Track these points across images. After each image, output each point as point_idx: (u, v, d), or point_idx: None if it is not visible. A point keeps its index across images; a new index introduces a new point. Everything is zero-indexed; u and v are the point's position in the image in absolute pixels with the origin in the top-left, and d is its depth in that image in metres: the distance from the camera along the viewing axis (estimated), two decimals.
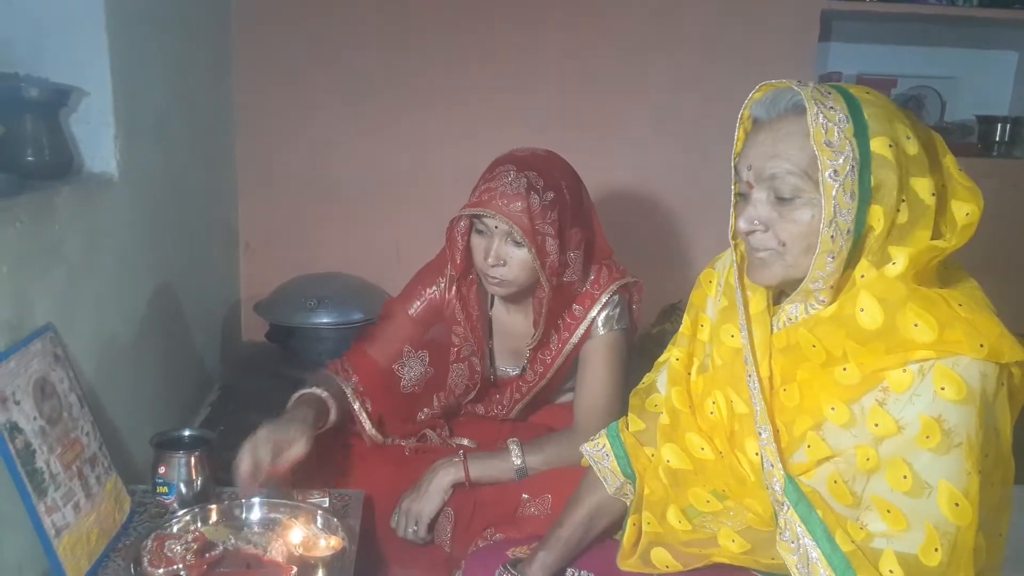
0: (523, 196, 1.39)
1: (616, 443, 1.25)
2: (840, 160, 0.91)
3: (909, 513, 0.89)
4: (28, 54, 1.44)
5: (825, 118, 0.91)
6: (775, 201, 0.97)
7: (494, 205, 1.39)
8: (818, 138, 0.91)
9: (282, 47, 2.52)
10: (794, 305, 1.02)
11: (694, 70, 2.61)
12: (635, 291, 1.61)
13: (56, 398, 1.18)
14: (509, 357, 1.66)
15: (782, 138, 0.96)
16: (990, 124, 2.76)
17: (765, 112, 1.00)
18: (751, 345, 1.03)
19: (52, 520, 1.09)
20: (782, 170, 0.95)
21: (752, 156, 0.99)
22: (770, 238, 0.98)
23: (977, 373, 0.89)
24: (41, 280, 1.24)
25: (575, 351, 1.56)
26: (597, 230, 1.59)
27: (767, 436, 1.00)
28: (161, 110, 1.82)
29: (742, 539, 1.06)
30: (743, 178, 1.01)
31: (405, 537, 1.44)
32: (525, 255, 1.42)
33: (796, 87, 0.96)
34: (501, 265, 1.44)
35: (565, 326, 1.55)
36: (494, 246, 1.43)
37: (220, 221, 2.49)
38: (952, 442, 0.88)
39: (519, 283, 1.47)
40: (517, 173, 1.41)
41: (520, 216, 1.39)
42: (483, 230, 1.45)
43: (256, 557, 1.20)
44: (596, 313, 1.54)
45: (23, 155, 1.38)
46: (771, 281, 1.01)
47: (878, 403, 0.93)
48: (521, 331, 1.60)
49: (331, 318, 2.32)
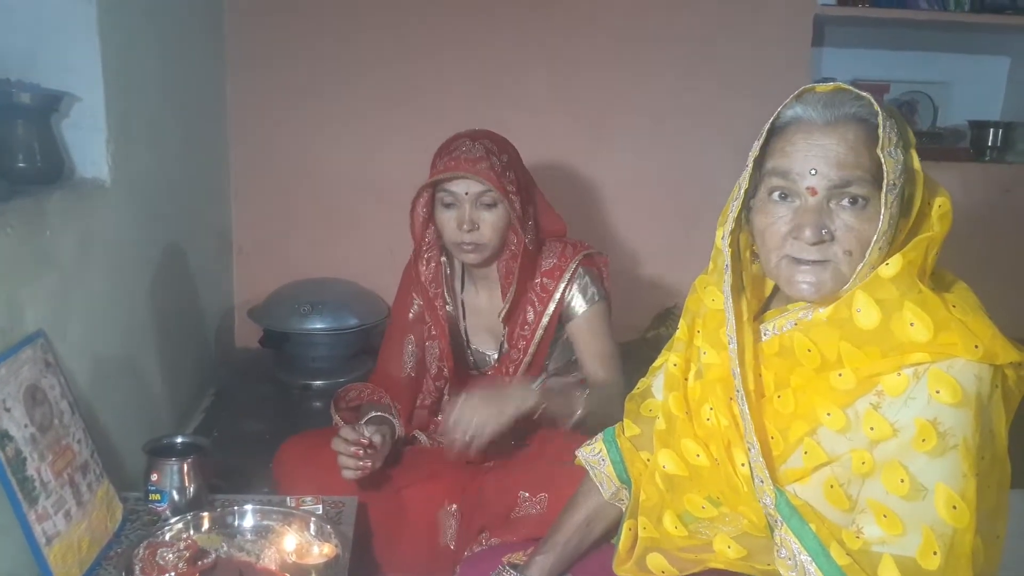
0: (484, 158, 1.48)
1: (612, 448, 1.24)
2: (898, 172, 0.91)
3: (906, 517, 0.89)
4: (20, 59, 1.44)
5: (889, 128, 0.91)
6: (840, 209, 0.94)
7: (464, 167, 1.46)
8: (885, 147, 0.90)
9: (275, 52, 2.52)
10: (805, 312, 1.01)
11: (689, 76, 2.61)
12: (601, 263, 1.65)
13: (47, 405, 1.17)
14: (484, 336, 1.68)
15: (851, 144, 0.93)
16: (982, 129, 2.77)
17: (820, 115, 0.96)
18: (740, 358, 1.01)
19: (43, 528, 1.08)
20: (857, 177, 0.93)
21: (816, 160, 0.94)
22: (834, 247, 0.95)
23: (972, 376, 0.89)
24: (32, 286, 1.23)
25: (552, 323, 1.60)
26: (542, 202, 1.65)
27: (755, 452, 0.99)
28: (153, 115, 1.82)
29: (738, 545, 1.06)
30: (801, 183, 0.95)
31: (452, 446, 1.36)
32: (497, 215, 1.49)
33: (853, 90, 0.94)
34: (474, 229, 1.50)
35: (538, 299, 1.59)
36: (466, 213, 1.49)
37: (213, 226, 2.48)
38: (948, 444, 0.88)
39: (492, 246, 1.53)
40: (471, 141, 1.50)
41: (488, 173, 1.46)
42: (451, 202, 1.50)
43: (249, 565, 1.20)
44: (566, 284, 1.58)
45: (14, 161, 1.38)
46: (825, 294, 0.97)
47: (873, 407, 0.93)
48: (489, 307, 1.64)
49: (325, 323, 2.32)
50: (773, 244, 1.00)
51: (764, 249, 1.01)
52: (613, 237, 2.67)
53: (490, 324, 1.65)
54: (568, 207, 1.69)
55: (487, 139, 1.53)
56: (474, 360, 1.70)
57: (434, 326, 1.62)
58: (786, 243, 0.98)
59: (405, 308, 1.67)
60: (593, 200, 2.66)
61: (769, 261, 1.01)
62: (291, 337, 2.33)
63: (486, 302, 1.66)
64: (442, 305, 1.62)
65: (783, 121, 0.99)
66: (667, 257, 2.71)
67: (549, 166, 1.65)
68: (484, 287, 1.65)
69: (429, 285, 1.61)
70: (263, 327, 2.38)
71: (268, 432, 1.98)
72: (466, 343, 1.69)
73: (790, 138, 0.98)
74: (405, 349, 1.66)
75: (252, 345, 2.48)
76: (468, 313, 1.68)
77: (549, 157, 1.67)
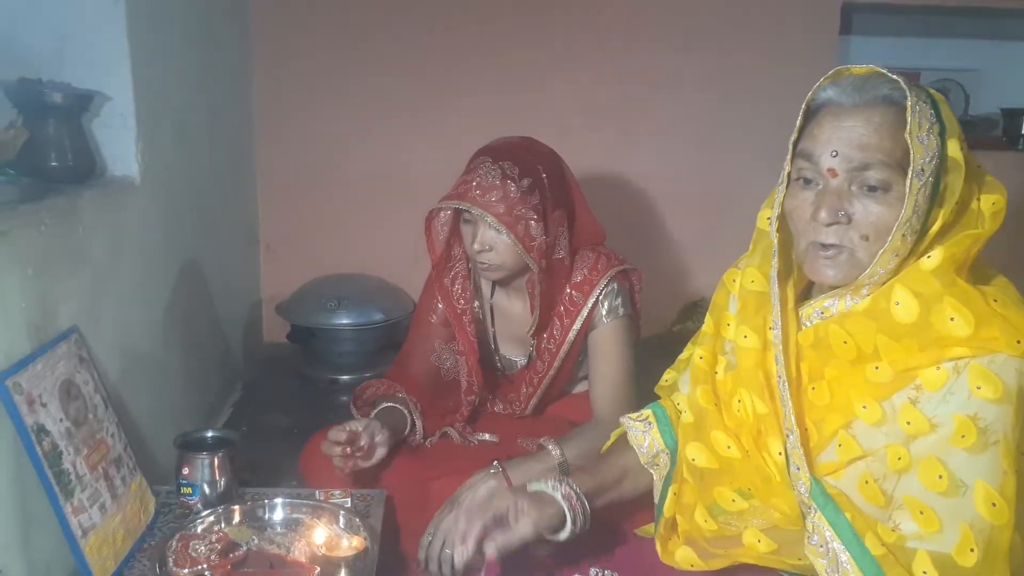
0: (499, 187, 1.44)
1: (659, 411, 1.24)
2: (928, 159, 0.89)
3: (943, 513, 0.87)
4: (51, 60, 1.45)
5: (920, 112, 0.89)
6: (861, 192, 0.93)
7: (469, 197, 1.45)
8: (914, 132, 0.88)
9: (301, 49, 2.54)
10: (832, 300, 1.00)
11: (713, 65, 2.59)
12: (635, 278, 1.63)
13: (81, 400, 1.19)
14: (513, 344, 1.68)
15: (876, 126, 0.92)
16: (1015, 117, 2.72)
17: (849, 98, 0.95)
18: (783, 344, 1.01)
19: (79, 521, 1.10)
20: (877, 160, 0.91)
21: (838, 142, 0.93)
22: (851, 231, 0.94)
23: (1014, 371, 0.88)
24: (66, 283, 1.25)
25: (580, 337, 1.57)
26: (581, 210, 1.61)
27: (794, 439, 0.98)
28: (181, 113, 1.84)
29: (768, 539, 1.04)
30: (823, 165, 0.95)
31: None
32: (508, 239, 1.46)
33: (886, 73, 0.93)
34: (488, 250, 1.48)
35: (566, 312, 1.57)
36: (479, 232, 1.47)
37: (241, 223, 2.50)
38: (988, 441, 0.86)
39: (507, 267, 1.50)
40: (492, 164, 1.46)
41: (496, 205, 1.43)
42: (469, 219, 1.50)
43: (279, 557, 1.21)
44: (596, 299, 1.55)
45: (47, 159, 1.40)
46: (842, 279, 0.97)
47: (910, 401, 0.91)
48: (520, 316, 1.62)
49: (351, 319, 2.33)
50: (800, 228, 0.99)
51: (795, 233, 1.01)
52: (639, 230, 2.66)
53: (519, 332, 1.63)
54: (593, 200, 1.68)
55: (511, 160, 1.47)
56: (502, 365, 1.70)
57: (462, 342, 1.60)
58: (810, 227, 0.97)
59: (428, 310, 1.66)
60: (619, 192, 2.65)
61: (799, 245, 1.01)
62: (318, 332, 2.35)
63: (517, 309, 1.64)
64: (470, 321, 1.60)
65: (816, 104, 0.99)
66: (694, 250, 2.70)
67: (572, 162, 1.63)
68: (516, 296, 1.63)
69: (456, 301, 1.60)
70: (290, 322, 2.40)
71: (296, 426, 2.00)
72: (494, 348, 1.68)
73: (819, 120, 0.97)
74: (429, 351, 1.65)
75: (280, 340, 2.51)
76: (497, 318, 1.67)
77: (573, 153, 1.66)
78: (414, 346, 1.68)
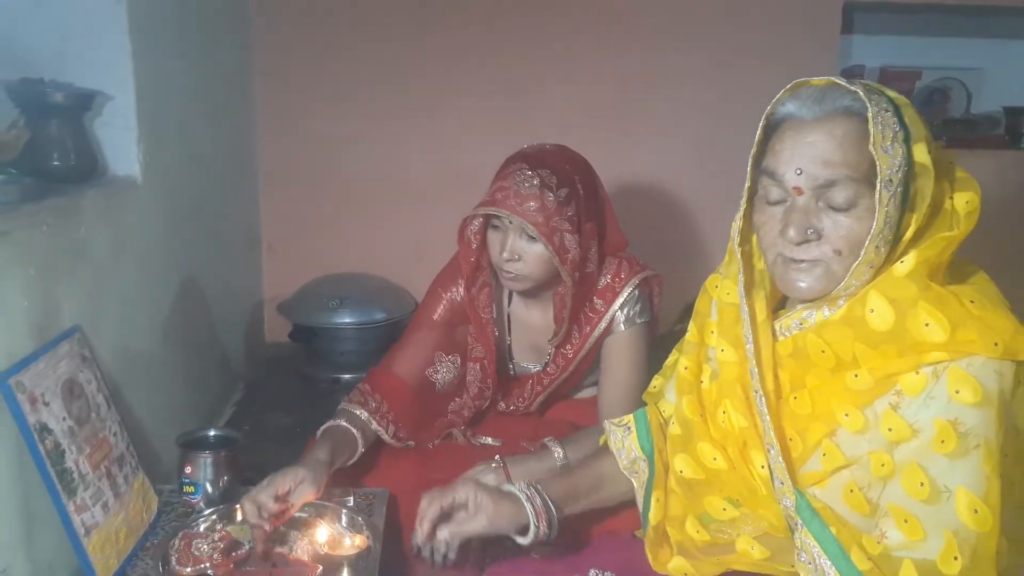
0: (537, 196, 1.39)
1: (641, 419, 1.24)
2: (895, 168, 0.87)
3: (926, 521, 0.86)
4: (52, 60, 1.46)
5: (882, 122, 0.87)
6: (828, 209, 0.92)
7: (507, 205, 1.40)
8: (878, 143, 0.87)
9: (302, 48, 2.54)
10: (810, 311, 0.99)
11: (713, 65, 2.58)
12: (655, 284, 1.62)
13: (84, 399, 1.19)
14: (529, 353, 1.66)
15: (839, 140, 0.90)
16: (1017, 115, 2.71)
17: (810, 111, 0.93)
18: (756, 358, 0.99)
19: (82, 519, 1.10)
20: (843, 176, 0.90)
21: (801, 158, 0.92)
22: (822, 247, 0.93)
23: (993, 373, 0.86)
24: (68, 282, 1.25)
25: (597, 344, 1.56)
26: (610, 221, 1.58)
27: (775, 453, 0.97)
28: (183, 114, 1.84)
29: (761, 546, 1.03)
30: (787, 183, 0.93)
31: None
32: (540, 250, 1.42)
33: (844, 84, 0.90)
34: (516, 260, 1.44)
35: (587, 320, 1.55)
36: (509, 241, 1.44)
37: (242, 222, 2.50)
38: (969, 445, 0.85)
39: (534, 278, 1.47)
40: (531, 172, 1.41)
41: (534, 215, 1.39)
42: (498, 225, 1.46)
43: (282, 556, 1.21)
44: (618, 307, 1.54)
45: (49, 159, 1.40)
46: (817, 293, 0.95)
47: (891, 407, 0.90)
48: (539, 326, 1.60)
49: (353, 318, 2.34)
50: (768, 243, 0.98)
51: (762, 248, 1.00)
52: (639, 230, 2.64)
53: (536, 341, 1.62)
54: None
55: (549, 168, 1.43)
56: (514, 372, 1.69)
57: (485, 351, 1.58)
58: (778, 242, 0.96)
59: (430, 312, 1.61)
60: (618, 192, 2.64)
61: (767, 258, 1.00)
62: (319, 331, 2.35)
63: (535, 319, 1.61)
64: (492, 331, 1.57)
65: (776, 118, 0.98)
66: (694, 250, 2.69)
67: None
68: (534, 305, 1.61)
69: (483, 311, 1.57)
70: (292, 322, 2.40)
71: (298, 425, 2.00)
72: (509, 357, 1.66)
73: (780, 136, 0.95)
74: (425, 361, 1.57)
75: (281, 340, 2.51)
76: (513, 327, 1.64)
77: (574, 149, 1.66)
78: (406, 348, 1.60)
